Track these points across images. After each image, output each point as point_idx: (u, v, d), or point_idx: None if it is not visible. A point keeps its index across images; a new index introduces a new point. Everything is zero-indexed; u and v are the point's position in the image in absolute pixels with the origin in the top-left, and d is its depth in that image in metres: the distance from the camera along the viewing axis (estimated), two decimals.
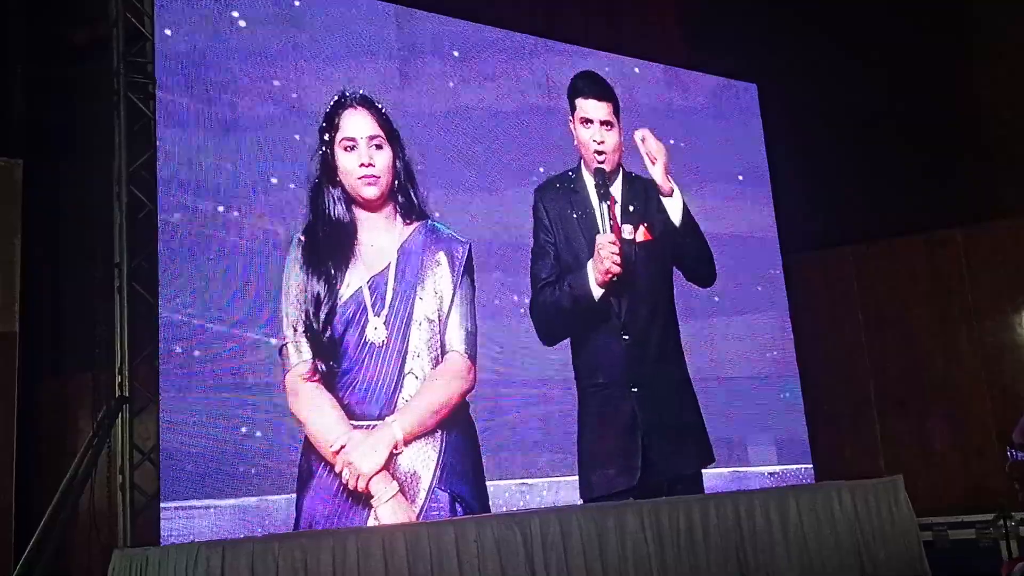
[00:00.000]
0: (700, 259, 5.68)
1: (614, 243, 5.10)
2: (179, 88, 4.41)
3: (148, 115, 4.44)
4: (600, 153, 5.31)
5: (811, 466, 6.09)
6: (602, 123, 5.38)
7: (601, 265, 5.09)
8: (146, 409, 4.36)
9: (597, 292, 5.16)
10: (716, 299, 5.87)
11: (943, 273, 6.62)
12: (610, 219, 5.16)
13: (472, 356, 4.79)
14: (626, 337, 5.22)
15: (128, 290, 4.33)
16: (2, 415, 5.44)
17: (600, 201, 5.17)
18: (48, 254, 5.91)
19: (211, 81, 4.47)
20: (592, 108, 5.42)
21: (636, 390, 5.21)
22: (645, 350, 5.30)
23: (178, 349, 4.18)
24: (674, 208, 5.45)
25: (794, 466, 6.04)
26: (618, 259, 5.08)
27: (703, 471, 5.46)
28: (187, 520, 4.03)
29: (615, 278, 5.11)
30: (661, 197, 5.44)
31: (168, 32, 4.41)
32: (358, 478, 4.31)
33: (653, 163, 5.45)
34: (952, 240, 6.61)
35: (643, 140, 5.51)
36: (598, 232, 5.17)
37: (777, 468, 5.96)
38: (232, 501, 4.14)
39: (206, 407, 4.18)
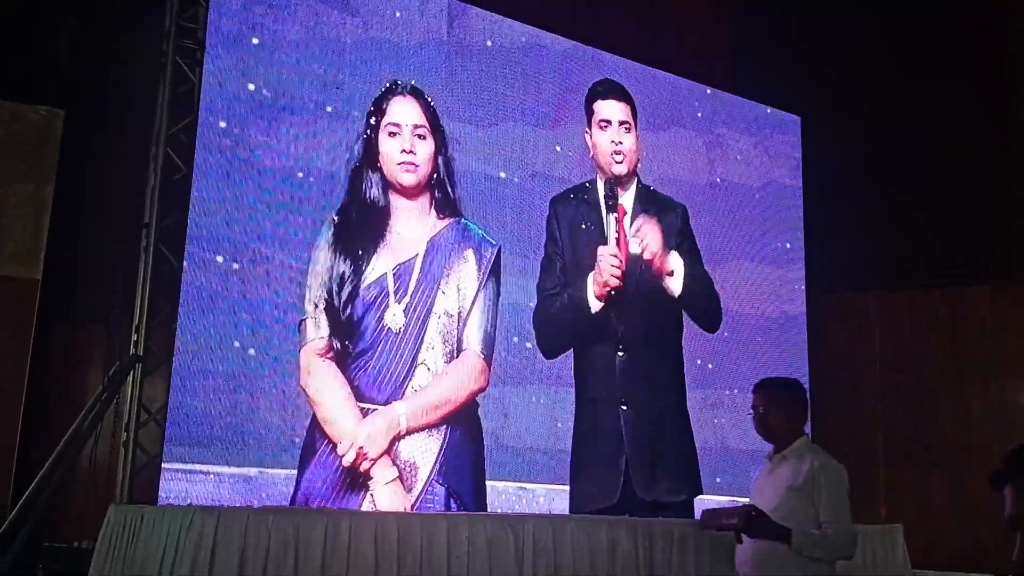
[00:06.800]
0: (705, 314, 5.51)
1: (616, 256, 4.92)
2: (226, 59, 4.44)
3: (193, 80, 4.48)
4: (618, 154, 5.22)
5: None
6: (620, 123, 5.30)
7: (600, 277, 4.95)
8: (157, 371, 4.39)
9: (595, 305, 5.01)
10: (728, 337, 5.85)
11: (963, 327, 6.55)
12: (616, 230, 4.98)
13: (488, 357, 4.80)
14: (621, 353, 5.06)
15: (154, 250, 4.36)
16: (15, 360, 5.46)
17: (608, 212, 5.04)
18: (75, 207, 5.93)
19: (257, 56, 4.51)
20: (610, 109, 5.33)
21: (626, 408, 5.04)
22: (641, 367, 5.12)
23: (197, 313, 4.21)
24: (675, 284, 5.21)
25: None
26: (619, 273, 4.91)
27: (704, 497, 5.36)
28: (187, 484, 4.05)
29: (614, 292, 4.94)
30: (662, 280, 5.18)
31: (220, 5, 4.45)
32: (359, 458, 4.32)
33: (643, 252, 5.08)
34: (976, 295, 6.55)
35: (638, 230, 5.12)
36: (604, 244, 5.01)
37: None
38: (233, 469, 4.16)
39: (219, 373, 4.20)
